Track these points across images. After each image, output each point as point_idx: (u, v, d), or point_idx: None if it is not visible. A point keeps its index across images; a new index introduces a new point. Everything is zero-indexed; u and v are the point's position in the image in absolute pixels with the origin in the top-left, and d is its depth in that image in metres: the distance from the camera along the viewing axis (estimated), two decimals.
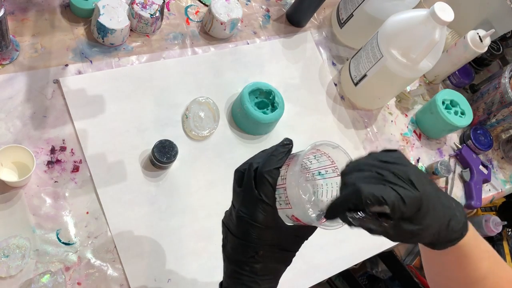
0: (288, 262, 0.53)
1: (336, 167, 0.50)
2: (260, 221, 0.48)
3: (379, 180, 0.40)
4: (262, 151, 0.53)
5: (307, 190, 0.52)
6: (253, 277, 0.50)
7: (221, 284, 0.55)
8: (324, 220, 0.49)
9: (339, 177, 0.49)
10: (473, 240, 0.49)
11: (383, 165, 0.42)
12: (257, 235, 0.48)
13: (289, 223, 0.49)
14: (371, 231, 0.41)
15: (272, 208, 0.48)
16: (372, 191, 0.39)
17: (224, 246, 0.54)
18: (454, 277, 0.54)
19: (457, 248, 0.48)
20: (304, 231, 0.51)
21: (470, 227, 0.49)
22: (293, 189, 0.46)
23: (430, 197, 0.41)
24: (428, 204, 0.41)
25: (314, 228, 0.51)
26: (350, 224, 0.40)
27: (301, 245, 0.52)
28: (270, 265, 0.50)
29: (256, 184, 0.48)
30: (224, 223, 0.53)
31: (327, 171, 0.51)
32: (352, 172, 0.43)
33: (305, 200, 0.51)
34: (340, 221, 0.46)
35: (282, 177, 0.48)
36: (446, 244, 0.47)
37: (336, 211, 0.41)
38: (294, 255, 0.53)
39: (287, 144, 0.50)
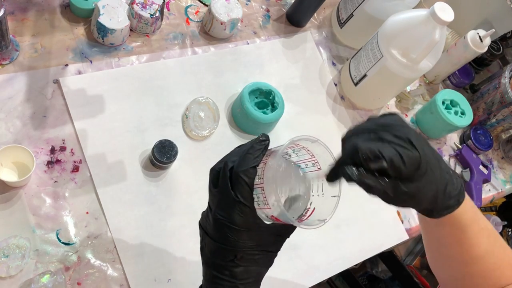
0: (269, 263, 0.51)
1: (316, 161, 0.49)
2: (238, 224, 0.46)
3: (378, 141, 0.40)
4: (238, 146, 0.51)
5: (286, 187, 0.50)
6: (234, 281, 0.48)
7: (200, 287, 0.53)
8: (304, 219, 0.48)
9: (320, 171, 0.48)
10: (470, 213, 0.49)
11: (382, 129, 0.42)
12: (236, 237, 0.46)
13: (268, 222, 0.48)
14: (370, 188, 0.40)
15: (250, 209, 0.46)
16: (369, 146, 0.39)
17: (202, 249, 0.52)
18: (452, 254, 0.53)
19: (454, 219, 0.48)
20: (284, 230, 0.49)
21: (469, 201, 0.49)
22: (272, 191, 0.44)
23: (428, 158, 0.41)
24: (427, 164, 0.41)
25: (295, 226, 0.49)
26: (349, 178, 0.40)
27: (282, 244, 0.50)
28: (251, 268, 0.49)
29: (232, 184, 0.46)
30: (201, 225, 0.52)
31: (307, 165, 0.50)
32: (350, 137, 0.43)
33: (284, 199, 0.49)
34: (319, 221, 0.46)
35: (259, 176, 0.46)
36: (443, 211, 0.47)
37: (336, 170, 0.41)
38: (275, 256, 0.51)
39: (263, 140, 0.47)
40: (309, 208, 0.49)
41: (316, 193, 0.49)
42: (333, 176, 0.42)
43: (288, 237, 0.50)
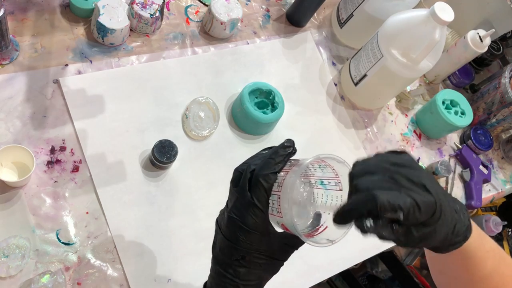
0: (275, 270, 0.51)
1: (339, 181, 0.48)
2: (249, 225, 0.47)
3: (392, 184, 0.39)
4: (264, 149, 0.51)
5: (304, 201, 0.51)
6: (236, 281, 0.49)
7: (205, 284, 0.54)
8: (315, 234, 0.48)
9: (341, 191, 0.48)
10: (477, 241, 0.48)
11: (395, 169, 0.40)
12: (245, 238, 0.47)
13: (279, 229, 0.48)
14: (383, 237, 0.39)
15: (264, 213, 0.46)
16: (388, 198, 0.37)
17: (214, 245, 0.53)
18: (458, 276, 0.53)
19: (460, 250, 0.47)
20: (294, 240, 0.50)
21: (474, 227, 0.48)
22: (286, 201, 0.44)
23: (442, 202, 0.41)
24: (441, 209, 0.40)
25: None
26: (364, 231, 0.39)
27: (290, 254, 0.51)
28: (255, 271, 0.49)
29: (250, 186, 0.47)
30: (218, 221, 0.52)
31: (329, 182, 0.49)
32: (363, 175, 0.41)
33: (296, 213, 0.49)
34: (328, 240, 0.46)
35: (279, 184, 0.46)
36: (449, 247, 0.47)
37: (349, 216, 0.39)
38: (282, 264, 0.51)
39: (288, 146, 0.47)
40: (321, 225, 0.49)
41: (331, 211, 0.49)
42: (342, 220, 0.40)
43: (297, 248, 0.51)
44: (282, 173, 0.46)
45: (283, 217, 0.45)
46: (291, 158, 0.48)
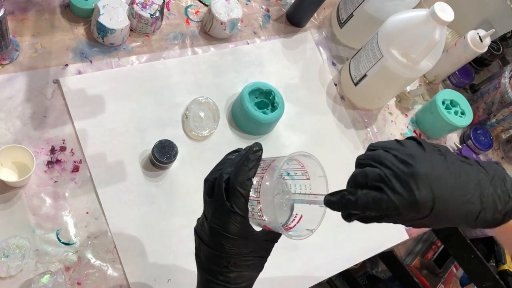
0: (261, 267, 0.53)
1: (305, 171, 0.51)
2: (232, 232, 0.48)
3: (381, 183, 0.42)
4: (230, 153, 0.53)
5: (284, 202, 0.53)
6: (227, 286, 0.51)
7: None
8: (292, 226, 0.51)
9: (308, 180, 0.51)
10: None
11: (397, 167, 0.42)
12: (230, 245, 0.49)
13: (258, 228, 0.50)
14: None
15: (245, 219, 0.48)
16: (367, 200, 0.42)
17: (197, 255, 0.54)
18: None
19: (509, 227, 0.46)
20: (272, 235, 0.52)
21: None
22: (268, 205, 0.47)
23: (437, 198, 0.41)
24: (432, 207, 0.41)
25: None
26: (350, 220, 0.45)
27: (271, 249, 0.53)
28: (244, 273, 0.51)
29: (228, 195, 0.48)
30: (197, 231, 0.54)
31: (296, 173, 0.52)
32: (370, 160, 0.44)
33: (279, 215, 0.52)
34: (308, 231, 0.49)
35: (256, 190, 0.48)
36: (487, 227, 0.46)
37: (334, 207, 0.45)
38: (266, 261, 0.53)
39: (257, 150, 0.49)
40: (296, 215, 0.52)
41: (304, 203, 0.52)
42: (331, 207, 0.45)
43: (277, 241, 0.53)
44: (256, 178, 0.48)
45: (266, 220, 0.48)
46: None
